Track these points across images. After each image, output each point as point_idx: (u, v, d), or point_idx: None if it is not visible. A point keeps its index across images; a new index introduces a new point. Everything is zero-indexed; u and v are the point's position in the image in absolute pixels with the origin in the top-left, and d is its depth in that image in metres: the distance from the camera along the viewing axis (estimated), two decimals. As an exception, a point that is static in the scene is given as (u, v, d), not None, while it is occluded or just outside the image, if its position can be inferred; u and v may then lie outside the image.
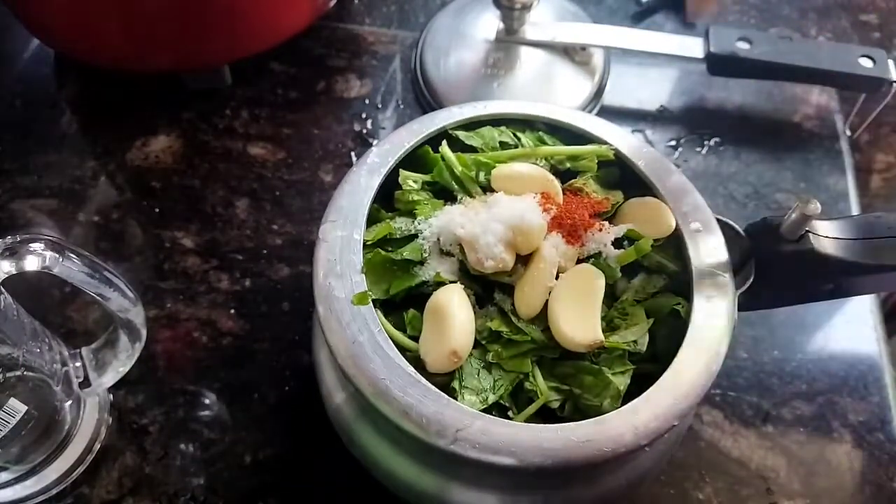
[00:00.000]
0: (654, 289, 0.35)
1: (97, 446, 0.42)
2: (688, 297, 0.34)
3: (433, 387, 0.30)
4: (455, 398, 0.31)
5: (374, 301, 0.32)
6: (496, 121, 0.39)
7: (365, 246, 0.34)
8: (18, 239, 0.33)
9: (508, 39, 0.57)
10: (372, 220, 0.36)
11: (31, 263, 0.33)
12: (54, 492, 0.40)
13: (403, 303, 0.34)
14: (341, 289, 0.32)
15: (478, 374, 0.33)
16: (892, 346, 0.50)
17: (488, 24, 0.59)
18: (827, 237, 0.35)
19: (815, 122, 0.59)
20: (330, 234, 0.34)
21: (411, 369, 0.31)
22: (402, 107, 0.58)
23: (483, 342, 0.33)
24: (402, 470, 0.35)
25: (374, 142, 0.56)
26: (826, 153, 0.58)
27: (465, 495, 0.34)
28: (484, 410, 0.31)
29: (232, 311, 0.47)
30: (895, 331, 0.57)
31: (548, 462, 0.29)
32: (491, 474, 0.33)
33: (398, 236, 0.35)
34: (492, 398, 0.32)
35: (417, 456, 0.34)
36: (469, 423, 0.29)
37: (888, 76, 0.53)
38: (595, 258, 0.35)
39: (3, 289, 0.34)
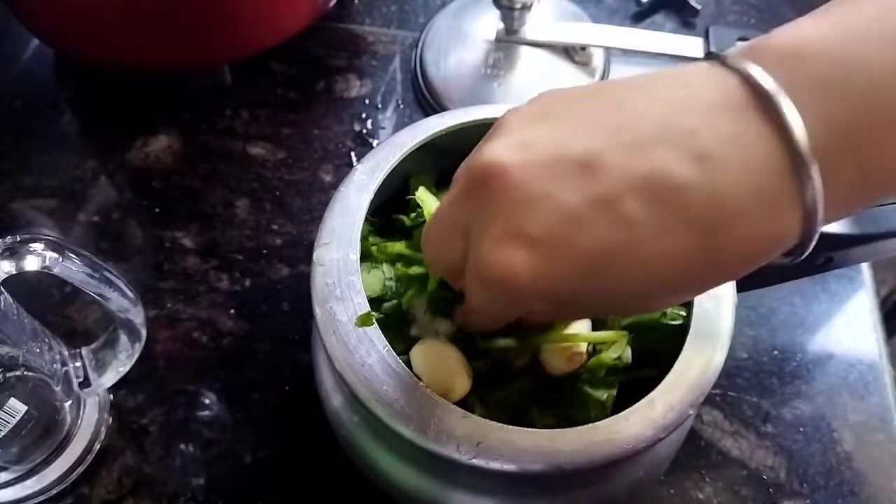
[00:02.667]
0: None
1: (97, 446, 0.41)
2: None
3: (449, 402, 0.30)
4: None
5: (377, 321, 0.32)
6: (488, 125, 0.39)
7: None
8: (18, 239, 0.33)
9: (508, 39, 0.57)
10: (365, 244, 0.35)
11: (31, 263, 0.33)
12: (54, 492, 0.40)
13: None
14: (343, 312, 0.32)
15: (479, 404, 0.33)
16: (892, 346, 0.50)
17: (488, 24, 0.59)
18: None
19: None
20: (325, 257, 0.33)
21: (424, 387, 0.30)
22: (402, 107, 0.58)
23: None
24: (400, 474, 0.35)
25: (375, 142, 0.56)
26: (826, 153, 0.58)
27: (464, 500, 0.34)
28: None
29: (232, 311, 0.47)
30: (895, 331, 0.57)
31: (569, 466, 0.29)
32: (493, 479, 0.32)
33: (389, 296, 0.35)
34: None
35: (415, 459, 0.34)
36: (489, 433, 0.29)
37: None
38: None
39: (3, 289, 0.34)
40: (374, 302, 0.35)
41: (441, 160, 0.38)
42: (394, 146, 0.37)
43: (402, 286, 0.35)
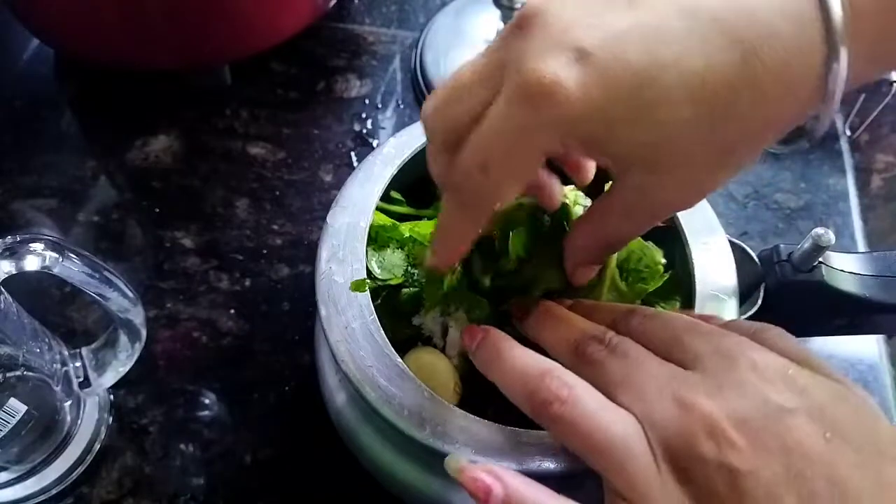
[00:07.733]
0: None
1: (97, 446, 0.41)
2: None
3: (418, 379, 0.30)
4: None
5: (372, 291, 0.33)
6: None
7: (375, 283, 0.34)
8: (18, 239, 0.33)
9: (508, 39, 0.57)
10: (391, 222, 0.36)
11: (31, 263, 0.33)
12: (54, 492, 0.40)
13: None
14: (341, 274, 0.33)
15: None
16: (892, 347, 0.49)
17: (488, 24, 0.59)
18: (842, 271, 0.34)
19: (816, 122, 0.59)
20: (338, 219, 0.35)
21: (399, 360, 0.31)
22: (402, 107, 0.58)
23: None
24: (405, 473, 0.34)
25: (375, 142, 0.56)
26: (826, 153, 0.58)
27: (468, 499, 0.34)
28: None
29: (232, 311, 0.47)
30: (895, 331, 0.57)
31: (574, 465, 0.29)
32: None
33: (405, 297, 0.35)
34: None
35: (421, 459, 0.34)
36: (449, 419, 0.29)
37: (888, 76, 0.53)
38: None
39: (3, 289, 0.34)
40: (395, 288, 0.35)
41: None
42: None
43: (420, 275, 0.35)
